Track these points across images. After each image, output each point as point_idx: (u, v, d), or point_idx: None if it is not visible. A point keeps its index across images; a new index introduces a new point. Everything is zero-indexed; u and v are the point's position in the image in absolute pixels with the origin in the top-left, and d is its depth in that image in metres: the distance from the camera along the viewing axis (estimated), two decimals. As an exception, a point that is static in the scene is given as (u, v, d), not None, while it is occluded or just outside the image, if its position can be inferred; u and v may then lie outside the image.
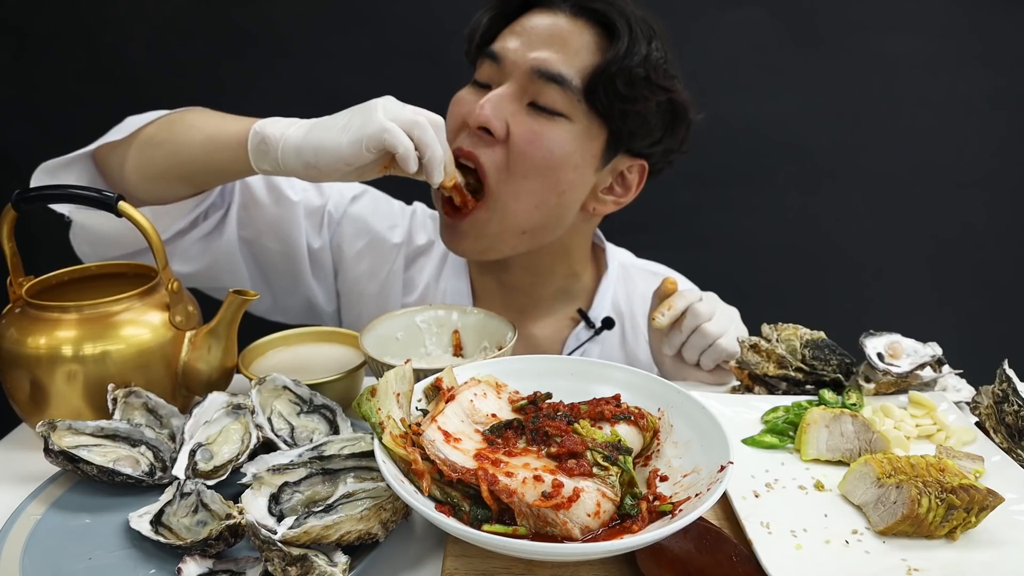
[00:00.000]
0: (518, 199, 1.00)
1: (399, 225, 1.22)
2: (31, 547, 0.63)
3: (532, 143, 0.97)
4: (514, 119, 0.97)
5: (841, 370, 0.90)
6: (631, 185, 1.09)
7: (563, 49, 0.96)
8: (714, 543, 0.63)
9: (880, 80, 1.69)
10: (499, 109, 0.97)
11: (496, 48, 0.99)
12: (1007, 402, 0.81)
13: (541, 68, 0.96)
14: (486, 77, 1.01)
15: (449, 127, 1.01)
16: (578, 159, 1.00)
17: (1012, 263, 1.83)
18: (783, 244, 1.82)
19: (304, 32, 1.66)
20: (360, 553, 0.61)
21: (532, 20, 1.00)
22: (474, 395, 0.68)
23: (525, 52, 0.97)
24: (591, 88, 0.96)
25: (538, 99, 0.97)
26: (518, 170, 0.98)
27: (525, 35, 0.99)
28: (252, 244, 1.13)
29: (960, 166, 1.76)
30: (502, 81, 0.99)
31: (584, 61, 0.97)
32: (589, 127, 0.99)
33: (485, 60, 1.01)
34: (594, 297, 1.20)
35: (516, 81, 0.98)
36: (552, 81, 0.96)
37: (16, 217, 0.79)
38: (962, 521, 0.63)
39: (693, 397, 0.69)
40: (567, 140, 0.98)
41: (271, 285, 1.18)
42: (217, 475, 0.71)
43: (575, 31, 0.98)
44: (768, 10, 1.64)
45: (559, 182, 1.00)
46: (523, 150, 0.97)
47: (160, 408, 0.79)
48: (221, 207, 1.09)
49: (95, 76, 1.67)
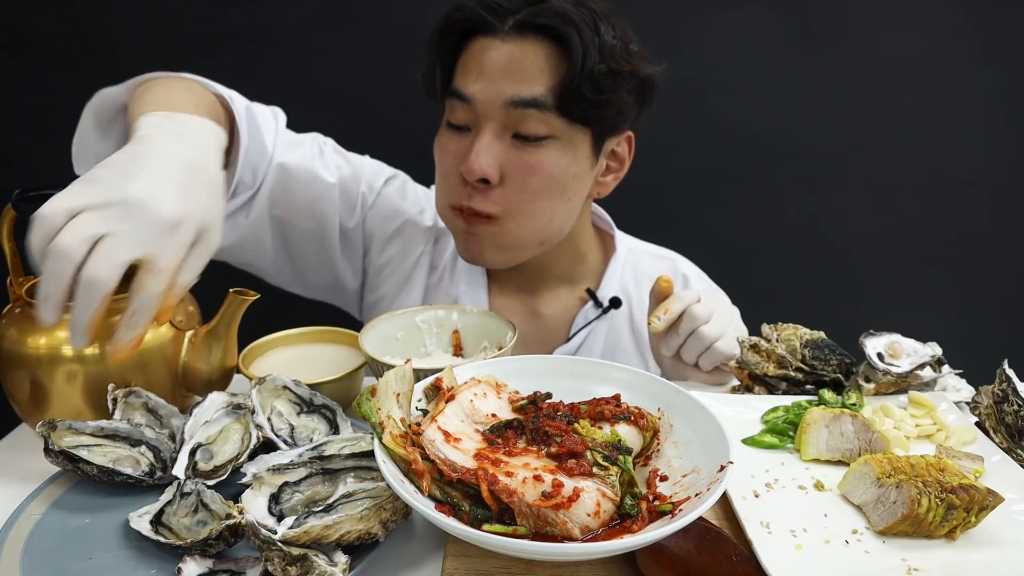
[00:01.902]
0: (532, 219, 1.04)
1: (427, 209, 1.26)
2: (31, 547, 0.63)
3: (530, 175, 1.00)
4: (506, 159, 1.00)
5: (841, 370, 0.90)
6: (623, 157, 1.12)
7: (525, 75, 0.97)
8: (714, 543, 0.63)
9: (880, 80, 1.69)
10: (490, 157, 0.99)
11: (463, 91, 1.00)
12: (1007, 402, 0.81)
13: (515, 99, 0.97)
14: (461, 119, 1.02)
15: (442, 173, 1.07)
16: (575, 168, 1.03)
17: (1012, 263, 1.83)
18: (783, 244, 1.82)
19: (304, 32, 1.66)
20: (360, 553, 0.61)
21: (485, 53, 0.99)
22: (474, 395, 0.68)
23: (494, 89, 0.98)
24: (562, 103, 0.97)
25: (520, 129, 0.99)
26: (525, 199, 1.02)
27: (485, 72, 0.98)
28: (283, 223, 1.14)
29: (960, 166, 1.76)
30: (478, 121, 1.00)
31: (548, 79, 0.97)
32: (573, 136, 1.01)
33: (455, 101, 1.01)
34: (602, 278, 1.23)
35: (494, 119, 0.99)
36: (528, 107, 0.97)
37: (16, 217, 0.79)
38: (962, 521, 0.63)
39: (693, 397, 0.69)
40: (560, 157, 1.01)
41: (296, 262, 1.21)
42: (217, 475, 0.71)
43: (528, 52, 0.97)
44: (768, 10, 1.64)
45: (564, 193, 1.04)
46: (524, 184, 1.01)
47: (160, 408, 0.79)
48: (251, 187, 1.09)
49: (95, 76, 1.67)
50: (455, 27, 1.02)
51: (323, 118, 1.71)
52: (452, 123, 1.04)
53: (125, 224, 0.64)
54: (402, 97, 1.70)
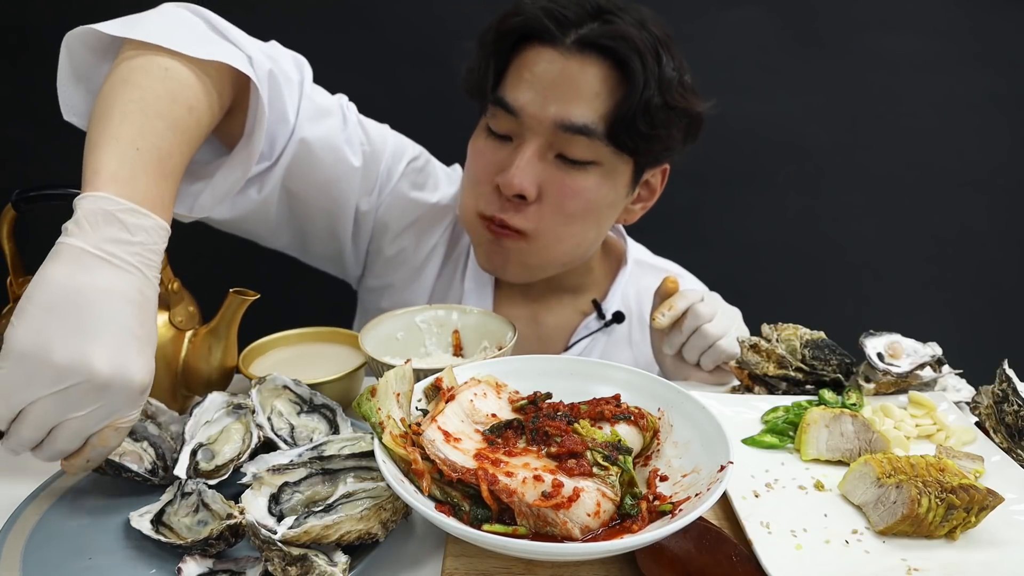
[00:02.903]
0: (561, 242, 1.03)
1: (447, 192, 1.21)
2: (31, 547, 0.63)
3: (568, 197, 0.98)
4: (546, 178, 0.98)
5: (841, 370, 0.90)
6: (655, 188, 1.12)
7: (579, 97, 0.94)
8: (714, 543, 0.63)
9: (880, 80, 1.69)
10: (531, 174, 0.96)
11: (512, 103, 0.96)
12: (1007, 402, 0.81)
13: (564, 123, 0.94)
14: (505, 129, 0.99)
15: (473, 179, 1.04)
16: (612, 196, 1.03)
17: (1012, 263, 1.83)
18: (783, 244, 1.82)
19: (304, 32, 1.66)
20: (360, 553, 0.61)
21: (539, 64, 0.95)
22: (474, 395, 0.68)
23: (544, 106, 0.95)
24: (613, 132, 0.95)
25: (566, 152, 0.96)
26: (559, 220, 1.00)
27: (538, 85, 0.95)
28: (295, 196, 1.05)
29: (960, 166, 1.76)
30: (522, 133, 0.98)
31: (603, 105, 0.94)
32: (616, 164, 1.00)
33: (499, 111, 0.98)
34: (608, 290, 1.22)
35: (540, 136, 0.96)
36: (577, 133, 0.94)
37: (16, 217, 0.79)
38: (962, 521, 0.63)
39: (693, 397, 0.69)
40: (600, 184, 0.99)
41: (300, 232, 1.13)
42: (219, 475, 0.71)
43: (587, 72, 0.94)
44: (768, 10, 1.64)
45: (598, 220, 1.04)
46: (560, 205, 0.99)
47: (160, 414, 0.79)
48: (269, 158, 0.99)
49: (95, 76, 1.67)
50: (514, 31, 0.98)
51: (323, 118, 1.71)
52: (494, 130, 1.01)
53: (91, 407, 0.59)
54: (402, 97, 1.70)
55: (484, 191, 1.02)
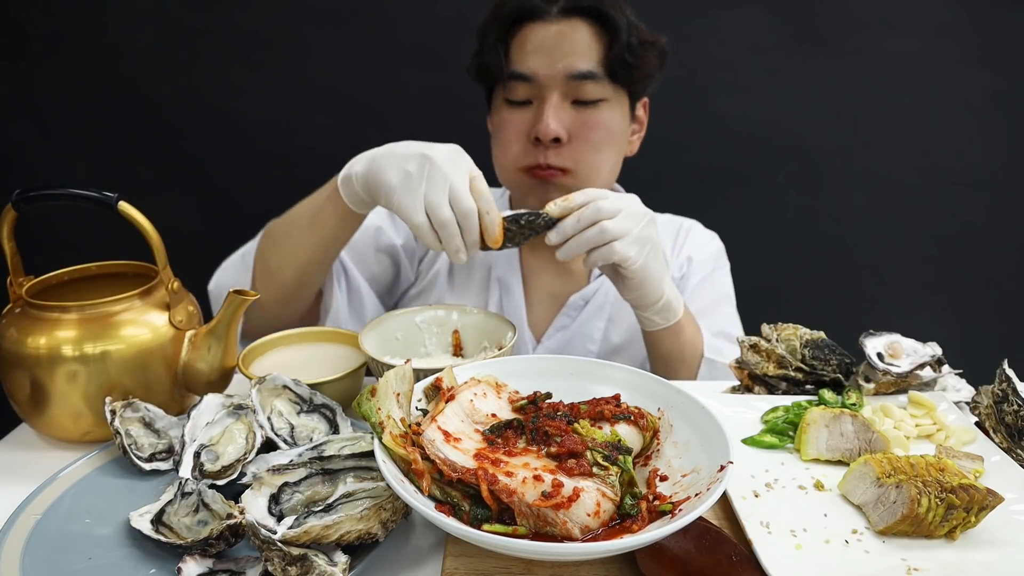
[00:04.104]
0: (596, 169, 1.19)
1: None
2: (31, 547, 0.63)
3: (592, 130, 1.16)
4: (571, 120, 1.15)
5: (841, 370, 0.90)
6: (643, 119, 1.31)
7: (577, 51, 1.13)
8: (714, 543, 0.63)
9: (880, 80, 1.69)
10: (560, 120, 1.14)
11: (527, 71, 1.14)
12: (1007, 402, 0.81)
13: (573, 72, 1.13)
14: (524, 95, 1.17)
15: (506, 142, 1.20)
16: (622, 124, 1.21)
17: (1012, 263, 1.83)
18: (783, 244, 1.82)
19: (304, 32, 1.66)
20: (360, 553, 0.61)
21: (536, 35, 1.14)
22: (474, 395, 0.68)
23: (553, 65, 1.13)
24: (611, 71, 1.15)
25: (580, 96, 1.15)
26: (590, 151, 1.17)
27: (543, 51, 1.14)
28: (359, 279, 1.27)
29: (960, 166, 1.76)
30: (541, 93, 1.15)
31: (596, 53, 1.14)
32: (618, 97, 1.19)
33: (515, 83, 1.16)
34: None
35: (556, 90, 1.14)
36: (585, 79, 1.13)
37: (16, 217, 0.79)
38: (962, 521, 0.63)
39: (693, 397, 0.69)
40: (611, 115, 1.18)
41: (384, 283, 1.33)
42: (226, 475, 0.71)
43: (577, 32, 1.14)
44: (768, 10, 1.64)
45: (618, 146, 1.22)
46: (588, 138, 1.16)
47: (157, 420, 0.79)
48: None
49: (95, 76, 1.67)
50: (509, 15, 1.16)
51: (323, 118, 1.71)
52: (513, 100, 1.18)
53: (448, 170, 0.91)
54: (402, 97, 1.70)
55: (520, 148, 1.18)
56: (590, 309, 1.28)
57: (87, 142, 1.72)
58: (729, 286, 1.37)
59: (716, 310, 1.29)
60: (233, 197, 1.76)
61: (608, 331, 1.28)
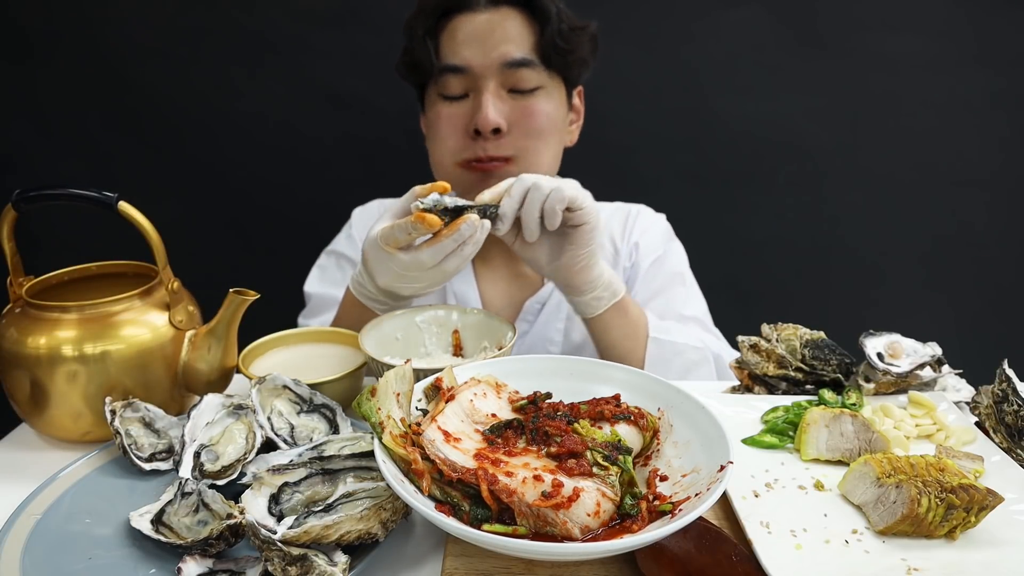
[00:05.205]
0: (538, 156, 1.17)
1: None
2: (31, 547, 0.63)
3: (531, 118, 1.14)
4: (509, 110, 1.13)
5: (841, 370, 0.90)
6: (580, 109, 1.29)
7: (510, 39, 1.11)
8: (714, 543, 0.63)
9: (880, 80, 1.69)
10: (499, 109, 1.12)
11: (460, 63, 1.12)
12: (1007, 402, 0.81)
13: (508, 60, 1.11)
14: (459, 89, 1.14)
15: (443, 138, 1.17)
16: (560, 111, 1.20)
17: (1012, 263, 1.83)
18: (783, 244, 1.82)
19: (304, 32, 1.66)
20: (360, 553, 0.61)
21: (467, 25, 1.12)
22: (474, 395, 0.68)
23: (487, 54, 1.11)
24: (546, 57, 1.13)
25: (516, 85, 1.13)
26: (530, 140, 1.15)
27: (474, 40, 1.11)
28: None
29: (960, 166, 1.76)
30: (476, 84, 1.12)
31: (528, 41, 1.13)
32: (555, 84, 1.17)
33: (448, 76, 1.13)
34: None
35: (491, 79, 1.12)
36: (520, 66, 1.12)
37: (16, 217, 0.79)
38: (962, 521, 0.63)
39: (693, 397, 0.69)
40: (548, 103, 1.16)
41: None
42: (226, 475, 0.71)
43: (508, 20, 1.12)
44: (768, 10, 1.64)
45: (557, 133, 1.20)
46: (527, 127, 1.14)
47: (157, 420, 0.79)
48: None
49: (95, 76, 1.67)
50: (436, 9, 1.13)
51: (323, 118, 1.71)
52: (447, 95, 1.15)
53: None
54: (402, 97, 1.69)
55: (458, 143, 1.15)
56: (547, 311, 1.27)
57: (87, 142, 1.72)
58: (680, 263, 1.34)
59: (667, 290, 1.28)
60: (233, 197, 1.76)
61: (568, 330, 1.28)
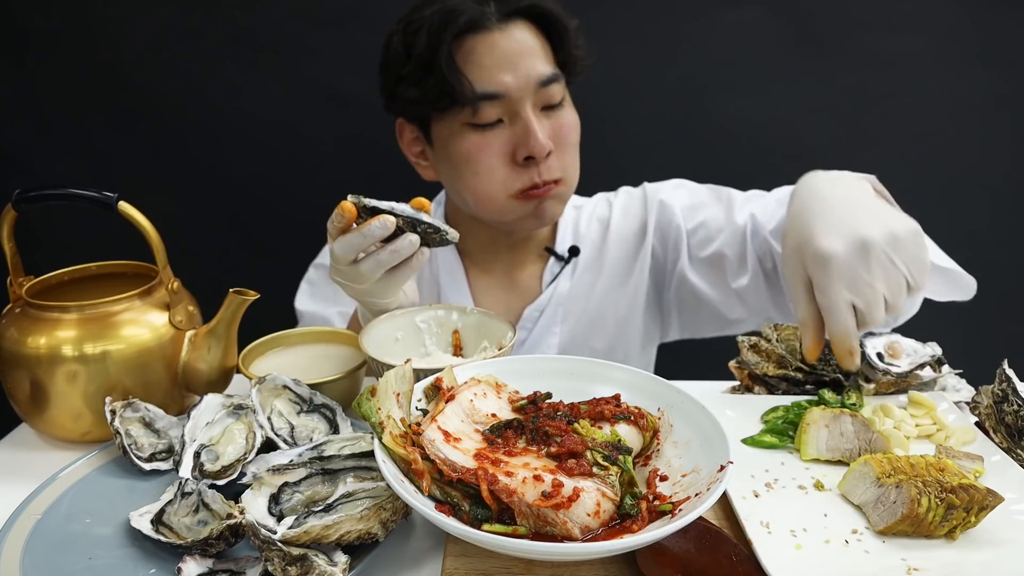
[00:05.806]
0: (575, 168, 1.18)
1: None
2: (31, 547, 0.63)
3: (567, 133, 1.13)
4: (549, 128, 1.11)
5: (841, 370, 0.90)
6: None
7: (535, 54, 1.08)
8: (714, 543, 0.63)
9: (880, 80, 1.69)
10: (544, 132, 1.09)
11: (497, 90, 1.06)
12: (1007, 402, 0.81)
13: (542, 79, 1.08)
14: (494, 116, 1.08)
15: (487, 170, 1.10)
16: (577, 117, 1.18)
17: (1012, 263, 1.83)
18: (783, 244, 1.82)
19: (304, 32, 1.66)
20: (360, 553, 0.61)
21: (487, 47, 1.05)
22: (474, 395, 0.68)
23: (520, 76, 1.06)
24: (565, 67, 1.12)
25: (547, 101, 1.10)
26: (569, 154, 1.15)
27: (505, 63, 1.05)
28: None
29: (960, 166, 1.76)
30: (513, 108, 1.08)
31: (546, 51, 1.10)
32: (567, 92, 1.16)
33: (483, 104, 1.06)
34: (556, 233, 1.31)
35: (528, 100, 1.08)
36: (551, 82, 1.09)
37: (16, 217, 0.79)
38: (962, 521, 0.63)
39: (693, 397, 0.69)
40: (572, 111, 1.16)
41: None
42: (226, 475, 0.71)
43: (526, 35, 1.08)
44: (768, 10, 1.64)
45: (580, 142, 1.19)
46: (565, 142, 1.14)
47: (157, 420, 0.79)
48: None
49: (95, 76, 1.67)
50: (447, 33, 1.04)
51: (323, 118, 1.71)
52: (481, 124, 1.08)
53: None
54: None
55: (507, 173, 1.11)
56: (546, 318, 1.27)
57: (87, 142, 1.71)
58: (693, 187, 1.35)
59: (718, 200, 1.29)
60: (233, 197, 1.76)
61: (563, 333, 1.28)
